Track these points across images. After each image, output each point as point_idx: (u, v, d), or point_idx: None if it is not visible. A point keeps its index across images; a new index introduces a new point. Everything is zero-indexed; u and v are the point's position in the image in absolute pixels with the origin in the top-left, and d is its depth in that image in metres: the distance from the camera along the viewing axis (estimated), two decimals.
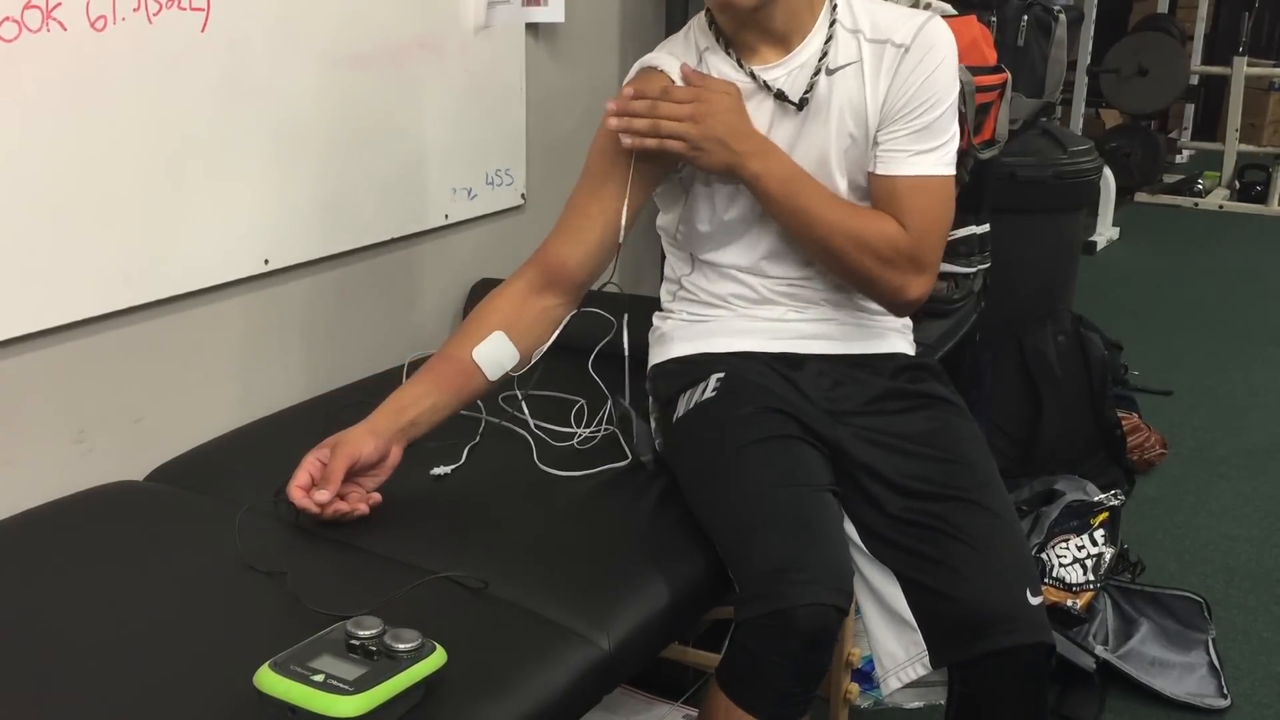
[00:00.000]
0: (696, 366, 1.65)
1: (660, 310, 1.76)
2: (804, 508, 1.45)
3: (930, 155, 1.56)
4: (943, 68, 1.55)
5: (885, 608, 1.50)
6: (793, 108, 1.56)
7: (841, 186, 1.59)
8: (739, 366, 1.62)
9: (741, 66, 1.57)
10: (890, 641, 1.50)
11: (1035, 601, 1.44)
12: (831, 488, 1.51)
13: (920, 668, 1.47)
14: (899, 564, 1.48)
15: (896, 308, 1.63)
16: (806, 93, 1.56)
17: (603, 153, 1.59)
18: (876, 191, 1.58)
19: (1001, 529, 1.48)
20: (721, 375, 1.61)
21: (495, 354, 1.53)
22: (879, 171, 1.57)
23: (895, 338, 1.72)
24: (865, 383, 1.63)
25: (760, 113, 1.58)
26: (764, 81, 1.57)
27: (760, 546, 1.40)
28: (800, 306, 1.65)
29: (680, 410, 1.62)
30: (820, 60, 1.56)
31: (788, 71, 1.57)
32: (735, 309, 1.66)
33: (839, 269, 1.59)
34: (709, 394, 1.60)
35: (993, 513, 1.49)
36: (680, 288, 1.72)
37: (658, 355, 1.73)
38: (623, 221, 1.57)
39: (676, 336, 1.70)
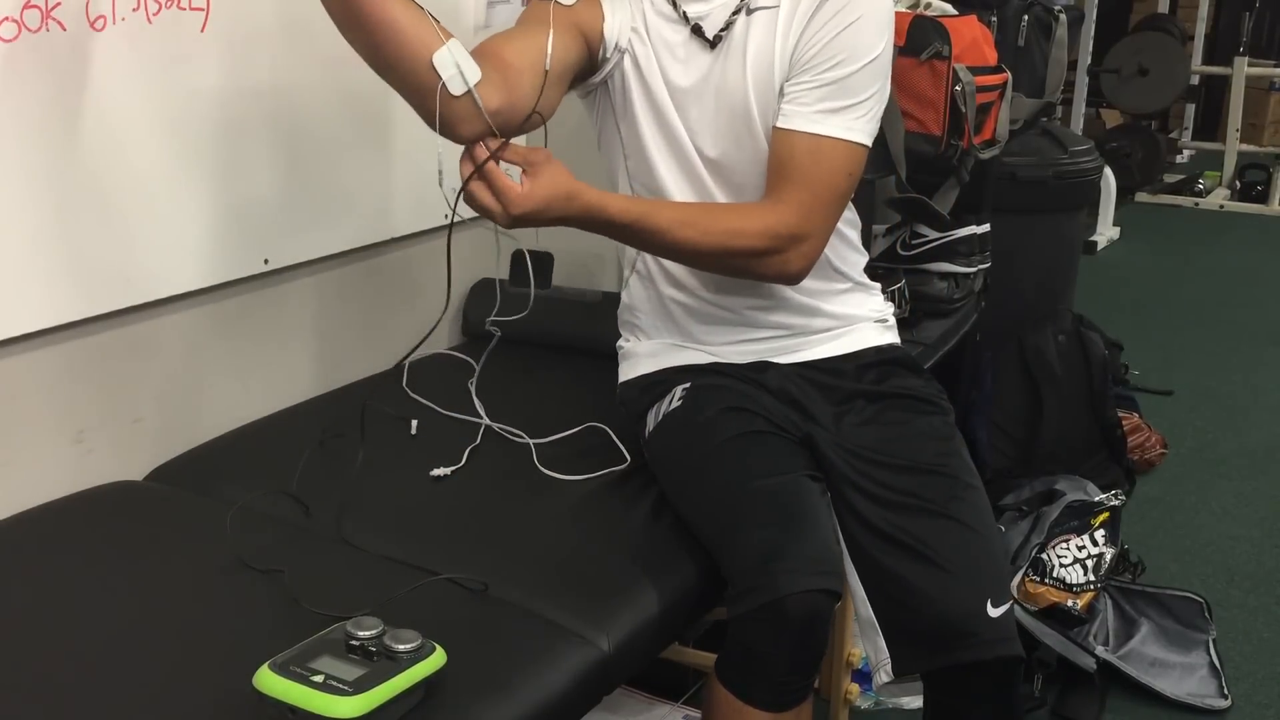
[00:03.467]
0: (662, 381, 1.66)
1: (622, 303, 1.77)
2: (782, 496, 1.45)
3: (836, 117, 1.49)
4: (861, 24, 1.48)
5: (859, 611, 1.51)
6: (706, 44, 1.55)
7: (760, 136, 1.54)
8: (704, 376, 1.63)
9: None
10: (865, 643, 1.51)
11: (997, 613, 1.42)
12: (810, 473, 1.50)
13: (884, 674, 1.47)
14: (865, 572, 1.48)
15: (785, 282, 1.58)
16: (722, 30, 1.54)
17: (529, 10, 1.55)
18: (774, 147, 1.52)
19: (965, 539, 1.45)
20: (686, 386, 1.62)
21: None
22: (779, 124, 1.51)
23: (863, 330, 1.69)
24: (828, 389, 1.62)
25: (676, 43, 1.56)
26: (684, 13, 1.56)
27: (743, 541, 1.40)
28: (750, 329, 1.65)
29: (650, 424, 1.63)
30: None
31: (710, 8, 1.55)
32: (687, 325, 1.66)
33: (721, 274, 1.56)
34: (675, 404, 1.61)
35: (957, 522, 1.46)
36: (634, 272, 1.71)
37: (625, 373, 1.74)
38: (548, 42, 1.46)
39: (641, 353, 1.71)
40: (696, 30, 1.55)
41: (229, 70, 1.70)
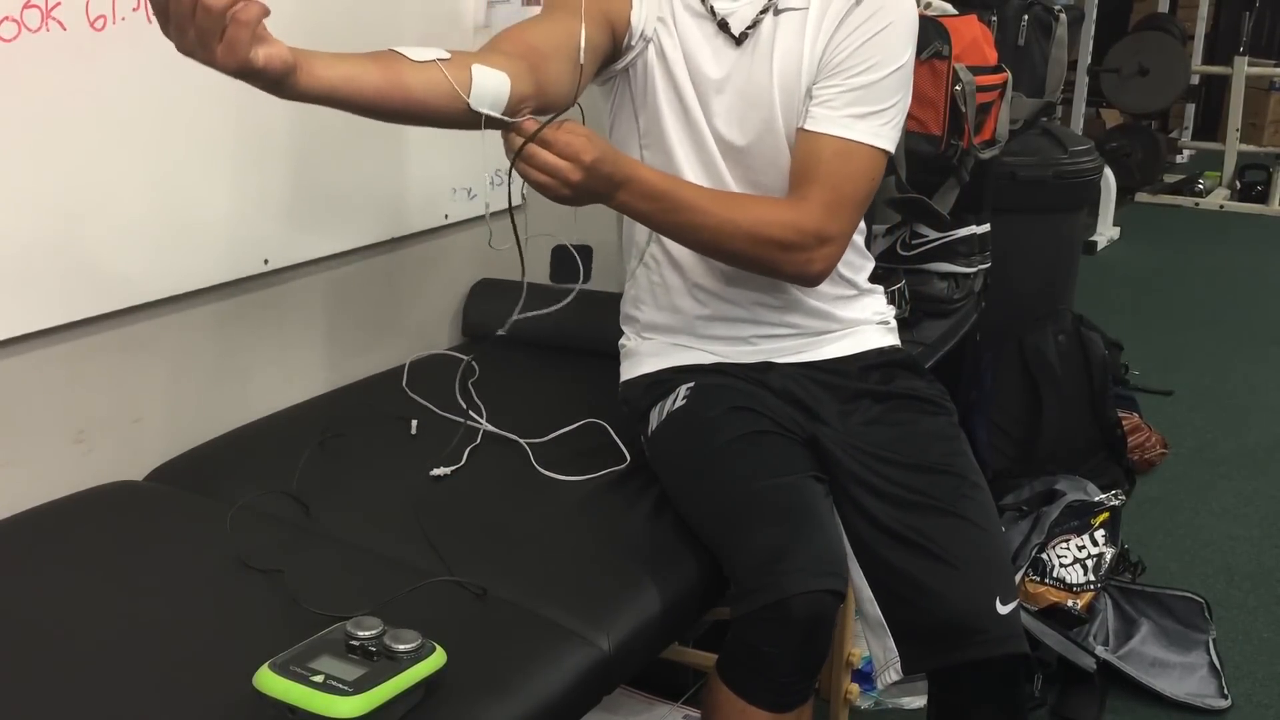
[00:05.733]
0: (665, 380, 1.66)
1: (625, 300, 1.77)
2: (787, 496, 1.45)
3: (863, 122, 1.50)
4: (892, 30, 1.50)
5: (865, 610, 1.51)
6: (732, 40, 1.55)
7: (782, 136, 1.55)
8: (708, 376, 1.63)
9: None
10: (873, 643, 1.51)
11: (1005, 610, 1.42)
12: (815, 474, 1.50)
13: (894, 673, 1.47)
14: (872, 571, 1.48)
15: (804, 283, 1.59)
16: (748, 28, 1.55)
17: None
18: (800, 148, 1.53)
19: (972, 536, 1.46)
20: (690, 385, 1.62)
21: (422, 53, 1.31)
22: (806, 126, 1.52)
23: (866, 332, 1.70)
24: (834, 389, 1.62)
25: (702, 39, 1.57)
26: (711, 8, 1.56)
27: (749, 540, 1.40)
28: (757, 325, 1.65)
29: (653, 423, 1.63)
30: None
31: (738, 5, 1.56)
32: (691, 317, 1.66)
33: (739, 265, 1.56)
34: (679, 403, 1.61)
35: (966, 520, 1.47)
36: (641, 263, 1.70)
37: (627, 371, 1.74)
38: (581, 33, 1.45)
39: (644, 352, 1.71)
40: (723, 26, 1.56)
41: None
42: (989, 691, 1.48)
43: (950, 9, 2.28)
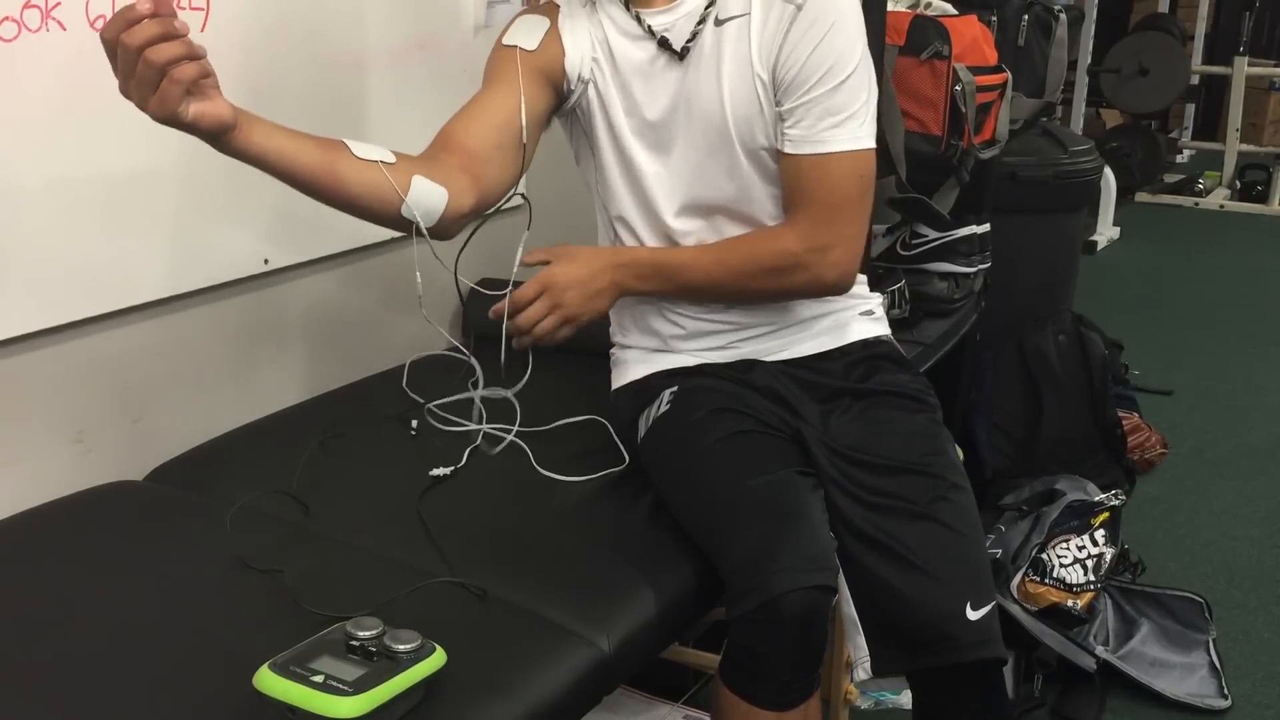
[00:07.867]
0: (650, 387, 1.66)
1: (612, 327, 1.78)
2: (772, 494, 1.45)
3: (840, 130, 1.50)
4: (836, 32, 1.48)
5: (841, 608, 1.50)
6: (674, 56, 1.54)
7: (738, 149, 1.55)
8: (690, 379, 1.63)
9: (629, 9, 1.56)
10: (848, 638, 1.50)
11: (976, 616, 1.40)
12: (801, 469, 1.50)
13: (861, 672, 1.47)
14: (847, 571, 1.47)
15: (830, 293, 1.61)
16: (688, 41, 1.54)
17: (496, 60, 1.58)
18: (782, 172, 1.55)
19: (946, 540, 1.44)
20: (674, 389, 1.62)
21: (368, 150, 1.41)
22: (787, 150, 1.52)
23: (849, 324, 1.69)
24: (814, 388, 1.62)
25: (643, 61, 1.56)
26: (649, 26, 1.55)
27: (736, 542, 1.40)
28: (737, 330, 1.66)
29: (641, 430, 1.64)
30: (707, 9, 1.53)
31: (675, 19, 1.55)
32: (671, 332, 1.67)
33: (763, 301, 1.61)
34: (663, 408, 1.61)
35: (939, 523, 1.45)
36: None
37: (616, 380, 1.74)
38: (522, 109, 1.52)
39: (629, 360, 1.72)
40: (663, 44, 1.55)
41: (229, 69, 1.68)
42: (964, 695, 1.48)
43: (950, 9, 2.28)
